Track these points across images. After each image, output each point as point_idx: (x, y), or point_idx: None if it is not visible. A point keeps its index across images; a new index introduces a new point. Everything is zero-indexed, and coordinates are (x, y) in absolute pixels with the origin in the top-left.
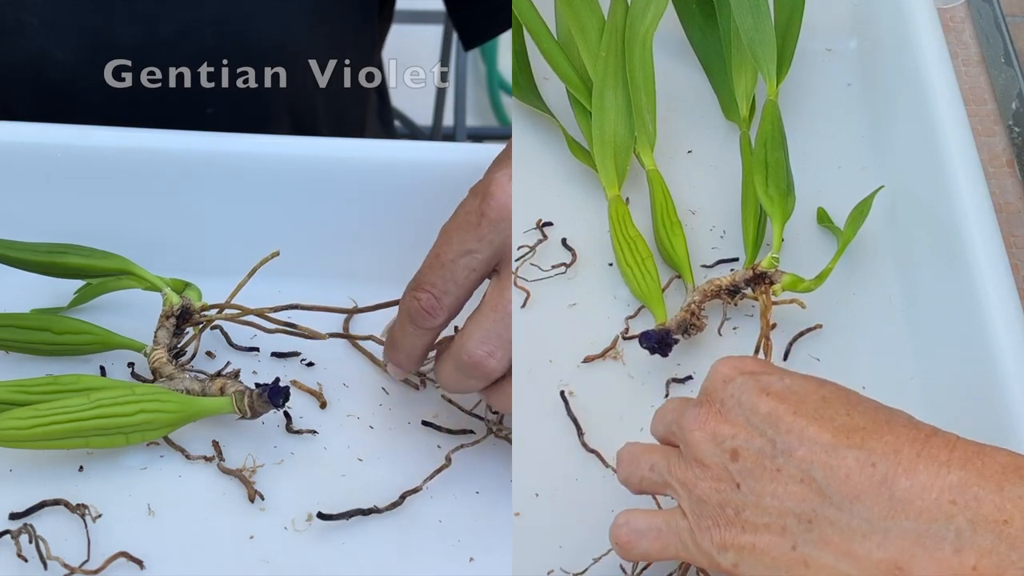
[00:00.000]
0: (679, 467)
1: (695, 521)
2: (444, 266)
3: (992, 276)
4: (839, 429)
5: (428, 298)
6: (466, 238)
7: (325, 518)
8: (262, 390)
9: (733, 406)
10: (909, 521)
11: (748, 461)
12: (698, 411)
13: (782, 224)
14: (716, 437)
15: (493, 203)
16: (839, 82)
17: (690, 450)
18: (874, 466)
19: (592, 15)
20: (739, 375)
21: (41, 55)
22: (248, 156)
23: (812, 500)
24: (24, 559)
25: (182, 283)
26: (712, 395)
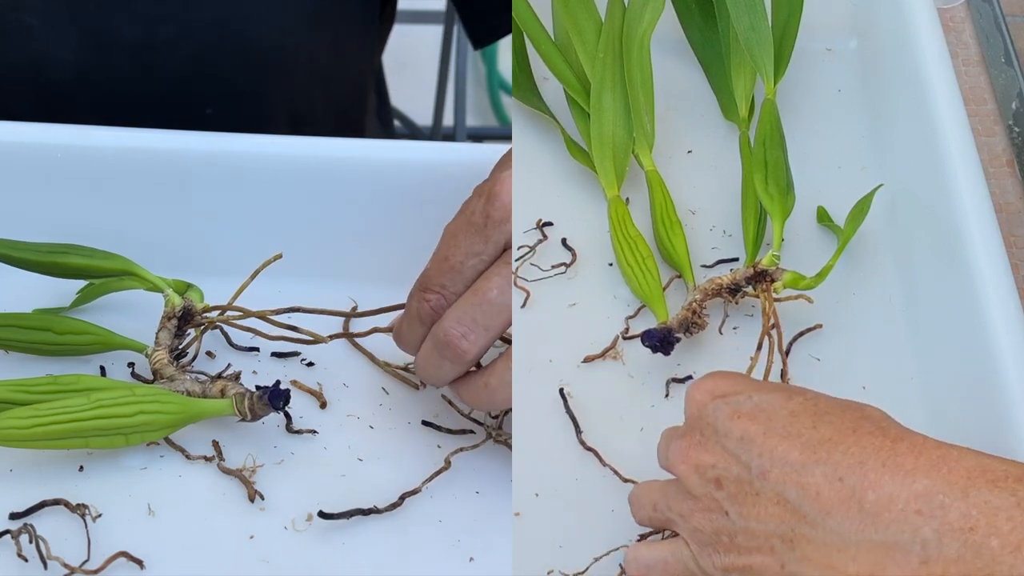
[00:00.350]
0: (676, 500)
1: (697, 549)
2: (453, 268)
3: (992, 276)
4: (806, 445)
5: (438, 299)
6: (473, 240)
7: (326, 517)
8: (262, 392)
9: (710, 434)
10: (878, 534)
11: (730, 488)
12: (680, 443)
13: (782, 222)
14: (699, 468)
15: (498, 204)
16: (839, 82)
17: (681, 483)
18: (841, 480)
19: (589, 16)
20: (711, 400)
21: (41, 56)
22: (248, 156)
23: (789, 520)
24: (24, 559)
25: (184, 284)
26: (692, 424)
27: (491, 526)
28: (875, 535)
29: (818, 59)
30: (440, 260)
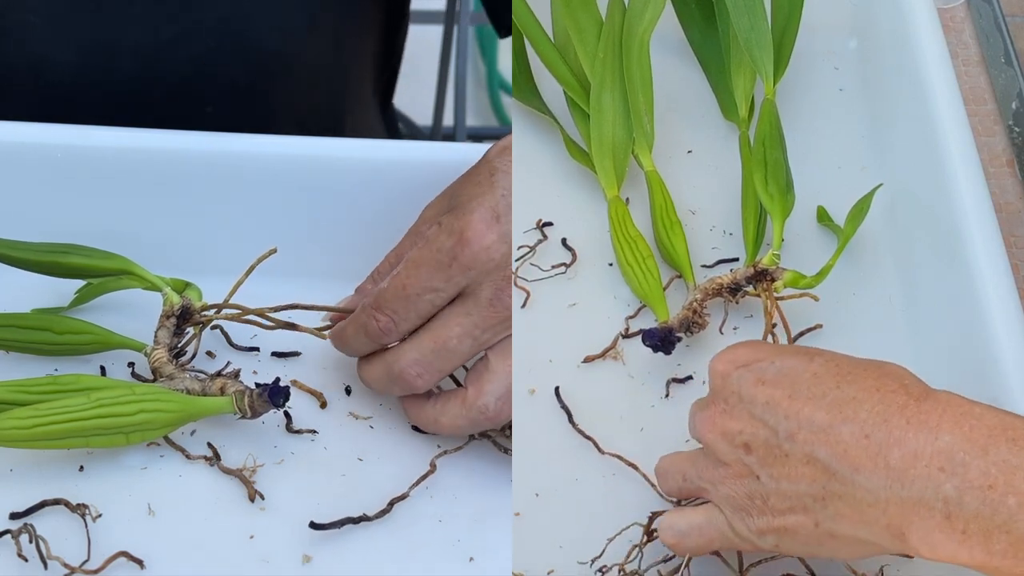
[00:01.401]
0: (706, 469)
1: (731, 514)
2: (408, 298)
3: (992, 276)
4: (832, 405)
5: (387, 322)
6: (435, 276)
7: (317, 527)
8: (262, 390)
9: (736, 402)
10: (905, 490)
11: (759, 452)
12: (706, 413)
13: (782, 221)
14: (727, 435)
15: (468, 251)
16: (839, 82)
17: (710, 452)
18: (868, 437)
19: (589, 17)
20: (734, 369)
21: (43, 55)
22: (248, 156)
23: (820, 479)
24: (24, 559)
25: (182, 283)
26: (716, 394)
27: (491, 526)
28: (902, 491)
29: (818, 59)
30: (398, 287)
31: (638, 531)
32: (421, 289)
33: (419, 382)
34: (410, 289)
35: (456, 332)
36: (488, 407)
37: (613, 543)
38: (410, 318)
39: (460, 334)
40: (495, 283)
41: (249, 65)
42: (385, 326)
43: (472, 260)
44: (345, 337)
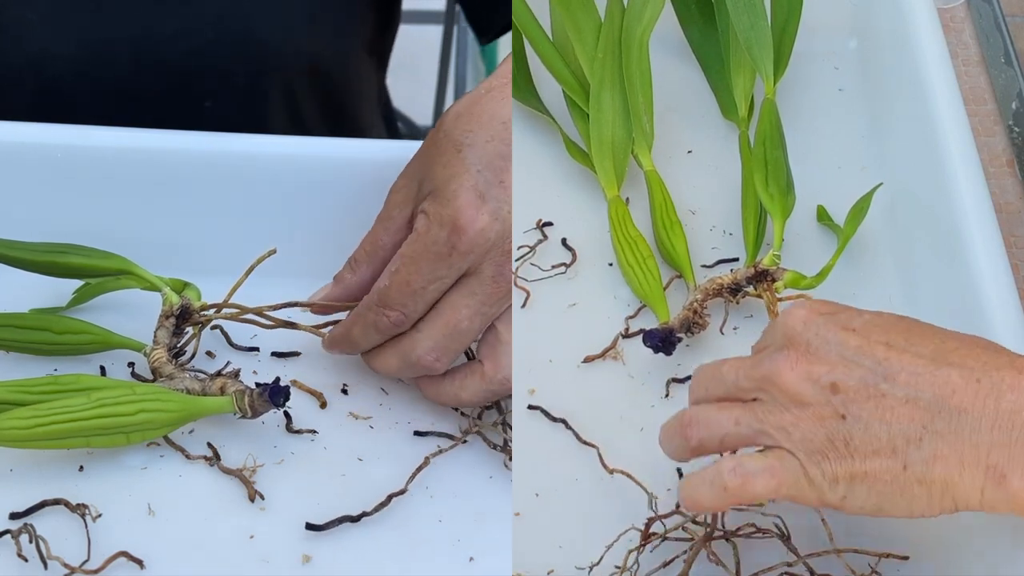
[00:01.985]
0: (773, 413)
1: (806, 458)
2: (415, 293)
3: (992, 276)
4: (935, 353)
5: (398, 316)
6: (437, 267)
7: (313, 528)
8: (262, 389)
9: (821, 345)
10: (1015, 431)
11: (850, 392)
12: (786, 355)
13: (783, 221)
14: (812, 375)
15: (464, 238)
16: (839, 82)
17: (784, 393)
18: (979, 381)
19: (588, 17)
20: (817, 316)
21: (41, 52)
22: (247, 156)
23: (920, 418)
24: (24, 559)
25: (181, 283)
26: (795, 339)
27: (491, 526)
28: (1012, 432)
29: (818, 59)
30: (402, 284)
31: (636, 535)
32: (426, 281)
33: (438, 365)
34: (415, 284)
35: (466, 313)
36: (508, 378)
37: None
38: (419, 309)
39: (470, 315)
40: (495, 260)
41: (248, 60)
42: (397, 320)
43: (470, 245)
44: (352, 338)
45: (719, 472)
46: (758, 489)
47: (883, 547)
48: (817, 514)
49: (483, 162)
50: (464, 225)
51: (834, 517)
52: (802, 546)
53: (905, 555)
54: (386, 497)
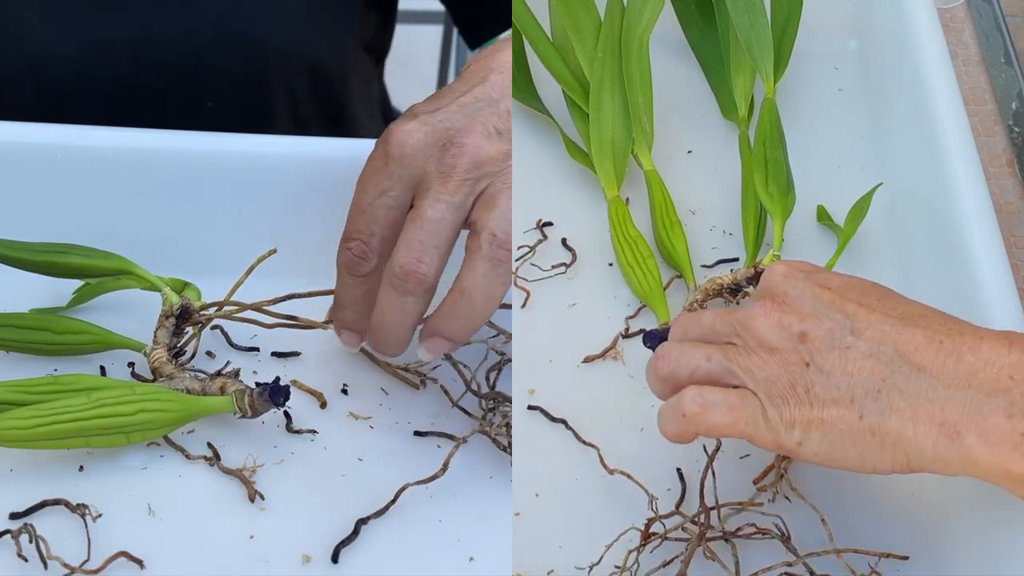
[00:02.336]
0: (741, 355)
1: (767, 399)
2: (364, 211)
3: (992, 276)
4: (903, 316)
5: (357, 245)
6: (377, 180)
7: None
8: (262, 389)
9: (796, 297)
10: (971, 390)
11: (817, 342)
12: (760, 304)
13: (783, 221)
14: (783, 323)
15: (393, 141)
16: (839, 82)
17: (755, 337)
18: (941, 343)
19: (588, 16)
20: (797, 272)
21: (41, 52)
22: (248, 156)
23: (881, 372)
24: (24, 559)
25: (181, 283)
26: (772, 290)
27: (491, 526)
28: (968, 390)
29: (818, 59)
30: (353, 209)
31: (636, 535)
32: (371, 197)
33: (422, 267)
34: (363, 203)
35: (428, 203)
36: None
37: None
38: (375, 231)
39: (430, 203)
40: (434, 159)
41: (248, 60)
42: (358, 249)
43: (400, 148)
44: (338, 296)
45: (680, 399)
46: (715, 419)
47: (883, 547)
48: (817, 514)
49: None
50: (392, 131)
51: (834, 517)
52: (802, 546)
53: (905, 555)
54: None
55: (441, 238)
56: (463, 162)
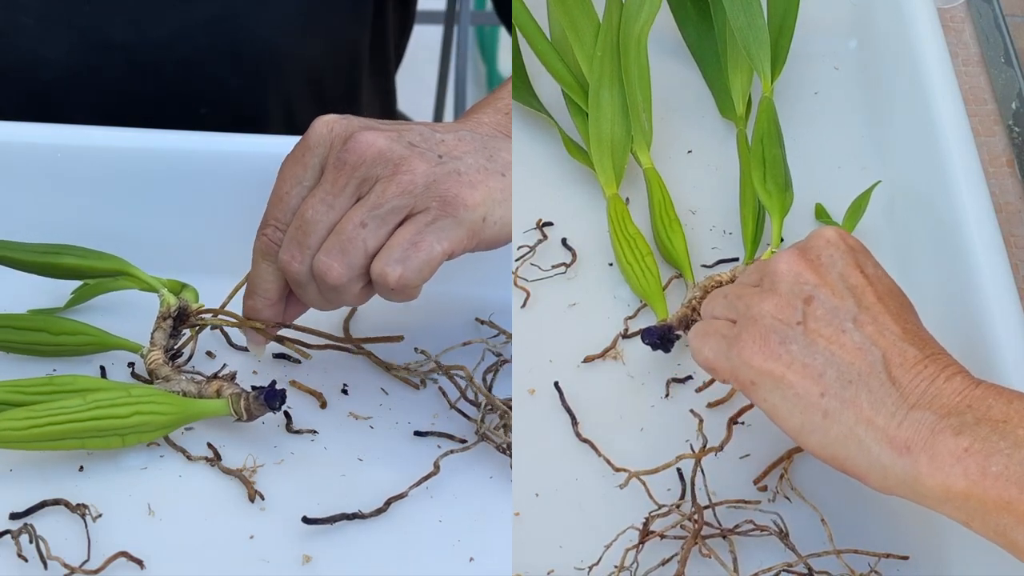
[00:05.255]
0: (752, 294)
1: (743, 331)
2: (281, 199)
3: (992, 276)
4: (909, 331)
5: (273, 231)
6: (294, 170)
7: (309, 522)
8: (258, 393)
9: (827, 262)
10: (930, 413)
11: (819, 311)
12: (793, 251)
13: (781, 219)
14: (800, 277)
15: (311, 131)
16: (839, 82)
17: (769, 279)
18: (925, 366)
19: (585, 15)
20: (843, 243)
21: (35, 55)
22: (247, 156)
23: (861, 367)
24: (24, 559)
25: (179, 284)
26: (812, 248)
27: (491, 526)
28: (927, 414)
29: (818, 59)
30: (272, 196)
31: (635, 535)
32: (288, 186)
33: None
34: (280, 191)
35: (310, 203)
36: (317, 265)
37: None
38: (288, 219)
39: (313, 203)
40: (334, 148)
41: (242, 64)
42: (273, 235)
43: (316, 138)
44: (251, 280)
45: None
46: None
47: (883, 547)
48: (817, 514)
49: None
50: (313, 123)
51: (834, 517)
52: (802, 546)
53: (905, 555)
54: (384, 502)
55: (315, 238)
56: (353, 158)
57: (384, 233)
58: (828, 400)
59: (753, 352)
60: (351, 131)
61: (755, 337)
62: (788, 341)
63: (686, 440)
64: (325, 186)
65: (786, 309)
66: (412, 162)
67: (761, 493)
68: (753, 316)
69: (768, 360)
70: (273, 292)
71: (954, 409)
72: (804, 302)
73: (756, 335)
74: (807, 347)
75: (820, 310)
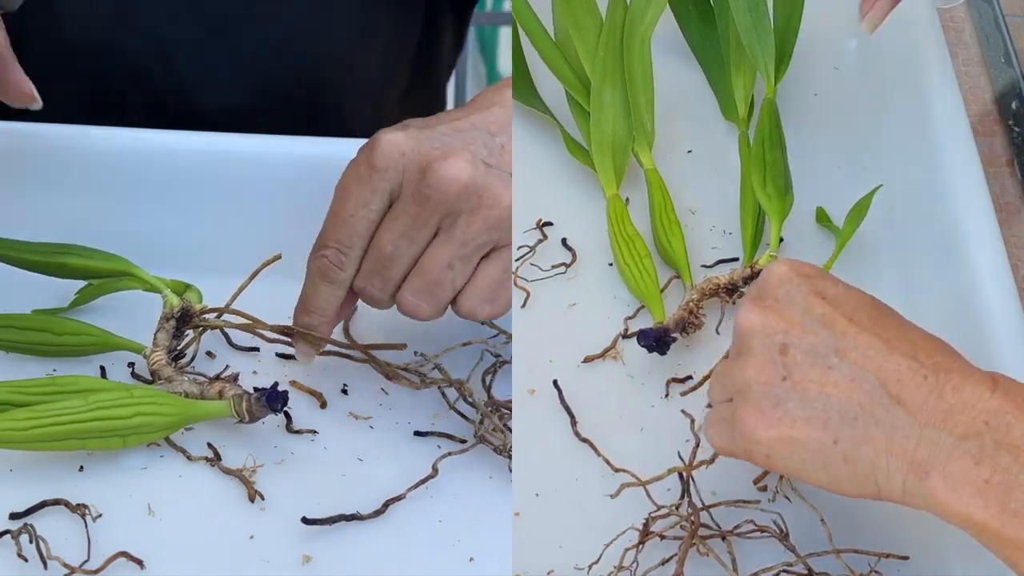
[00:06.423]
0: (732, 366)
1: (738, 408)
2: (345, 222)
3: (992, 276)
4: (895, 340)
5: (334, 254)
6: (361, 191)
7: (309, 523)
8: (260, 394)
9: (786, 301)
10: (945, 432)
11: (798, 357)
12: (751, 303)
13: (780, 222)
14: (767, 329)
15: (378, 152)
16: (839, 82)
17: (741, 339)
18: (925, 377)
19: (590, 15)
20: (796, 276)
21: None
22: (248, 156)
23: (860, 399)
24: (24, 559)
25: (183, 284)
26: (767, 291)
27: (491, 526)
28: (942, 433)
29: (818, 59)
30: (333, 216)
31: (635, 535)
32: (353, 208)
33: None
34: (343, 213)
35: (389, 238)
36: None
37: (611, 545)
38: (354, 243)
39: (393, 239)
40: (413, 177)
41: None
42: (333, 257)
43: (386, 160)
44: (306, 296)
45: None
46: (712, 440)
47: (883, 547)
48: (817, 514)
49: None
50: (378, 139)
51: (834, 517)
52: (801, 546)
53: (905, 555)
54: (383, 504)
55: (397, 271)
56: (436, 195)
57: (470, 270)
58: (843, 445)
59: (754, 426)
60: (427, 159)
61: (750, 411)
62: (782, 401)
63: (686, 440)
64: (404, 219)
65: (767, 369)
66: (494, 191)
67: (761, 493)
68: (740, 389)
69: (770, 428)
70: (331, 311)
71: (971, 429)
72: (781, 353)
73: (750, 408)
74: (802, 400)
75: (799, 356)
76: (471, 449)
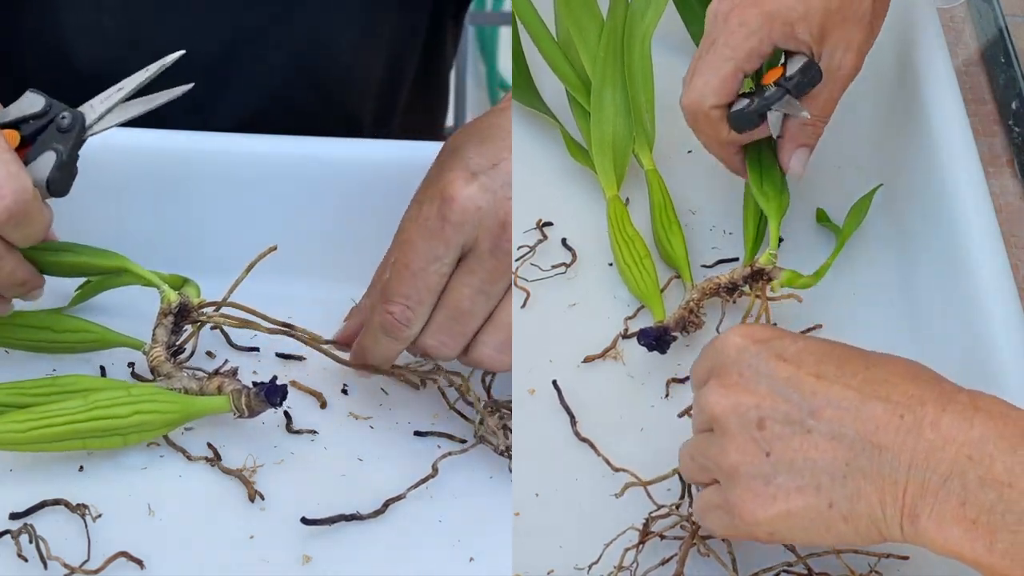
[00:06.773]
0: (711, 447)
1: (729, 494)
2: (415, 275)
3: (992, 276)
4: (863, 384)
5: (402, 310)
6: (433, 244)
7: (308, 523)
8: (259, 389)
9: (749, 373)
10: (929, 471)
11: (775, 428)
12: (714, 384)
13: (778, 221)
14: (738, 407)
15: (455, 207)
16: None
17: (717, 425)
18: (902, 417)
19: (591, 16)
20: (752, 344)
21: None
22: (248, 156)
23: (844, 455)
24: (24, 559)
25: (180, 279)
26: (727, 366)
27: (491, 526)
28: (926, 472)
29: None
30: (401, 269)
31: (635, 535)
32: (424, 262)
33: (444, 351)
34: (413, 266)
35: (467, 293)
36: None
37: (612, 545)
38: (424, 298)
39: (471, 294)
40: (491, 232)
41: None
42: (401, 314)
43: (462, 215)
44: (364, 349)
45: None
46: (708, 527)
47: (883, 547)
48: None
49: (477, 153)
50: (453, 194)
51: None
52: (802, 546)
53: (905, 555)
54: (383, 504)
55: (470, 328)
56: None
57: None
58: (839, 506)
59: (752, 509)
60: (503, 213)
61: (742, 494)
62: (771, 478)
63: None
64: (482, 274)
65: (749, 448)
66: None
67: None
68: (727, 473)
69: (768, 507)
70: (392, 359)
71: (955, 467)
72: (759, 428)
73: (742, 491)
74: (790, 471)
75: (776, 427)
76: (471, 449)
